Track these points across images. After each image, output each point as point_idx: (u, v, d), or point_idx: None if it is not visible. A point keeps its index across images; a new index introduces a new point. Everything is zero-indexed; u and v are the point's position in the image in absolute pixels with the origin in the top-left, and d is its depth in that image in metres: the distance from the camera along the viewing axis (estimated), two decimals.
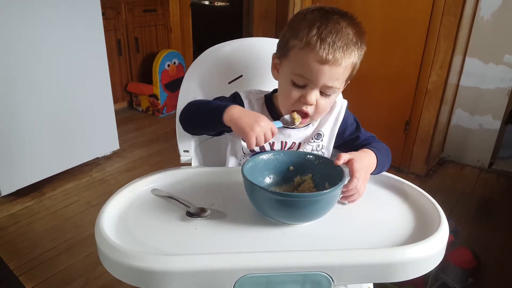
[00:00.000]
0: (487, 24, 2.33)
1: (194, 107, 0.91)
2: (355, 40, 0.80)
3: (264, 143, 0.79)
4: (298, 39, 0.80)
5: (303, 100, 0.83)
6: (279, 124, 0.84)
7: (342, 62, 0.79)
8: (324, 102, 0.85)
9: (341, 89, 0.88)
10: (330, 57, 0.78)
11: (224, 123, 0.80)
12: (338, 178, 0.73)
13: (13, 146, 2.06)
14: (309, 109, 0.85)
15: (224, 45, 1.11)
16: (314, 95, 0.82)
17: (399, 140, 2.51)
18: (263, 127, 0.78)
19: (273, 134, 0.80)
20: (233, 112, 0.80)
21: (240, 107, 0.82)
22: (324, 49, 0.77)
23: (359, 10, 2.35)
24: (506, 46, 2.32)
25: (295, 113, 0.85)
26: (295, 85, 0.83)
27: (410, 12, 2.25)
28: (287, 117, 0.86)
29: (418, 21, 2.24)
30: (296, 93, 0.84)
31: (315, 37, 0.78)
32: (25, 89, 2.04)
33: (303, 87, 0.83)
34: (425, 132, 2.40)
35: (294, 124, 0.86)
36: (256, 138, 0.77)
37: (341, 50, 0.78)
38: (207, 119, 0.86)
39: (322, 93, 0.83)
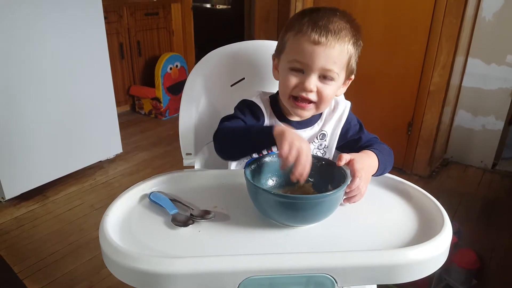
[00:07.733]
0: (489, 24, 2.33)
1: (233, 136, 0.83)
2: (349, 27, 0.82)
3: (295, 157, 0.69)
4: (291, 30, 0.83)
5: (301, 87, 0.83)
6: None
7: (336, 45, 0.80)
8: (326, 89, 0.84)
9: (343, 83, 0.88)
10: (323, 38, 0.79)
11: (274, 139, 0.73)
12: (341, 180, 0.73)
13: (17, 150, 2.07)
14: (311, 96, 0.84)
15: (226, 48, 1.11)
16: (312, 81, 0.82)
17: (402, 142, 2.51)
18: (301, 142, 0.70)
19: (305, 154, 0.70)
20: (282, 128, 0.74)
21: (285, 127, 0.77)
22: (316, 31, 0.79)
23: (360, 12, 2.36)
24: (508, 46, 2.31)
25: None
26: (293, 71, 0.84)
27: (412, 13, 2.25)
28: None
29: (420, 22, 2.24)
30: (294, 79, 0.84)
31: (307, 22, 0.81)
32: (28, 93, 2.05)
33: (301, 74, 0.83)
34: (428, 133, 2.40)
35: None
36: (289, 145, 0.69)
37: (333, 32, 0.79)
38: (257, 144, 0.80)
39: (321, 80, 0.83)
